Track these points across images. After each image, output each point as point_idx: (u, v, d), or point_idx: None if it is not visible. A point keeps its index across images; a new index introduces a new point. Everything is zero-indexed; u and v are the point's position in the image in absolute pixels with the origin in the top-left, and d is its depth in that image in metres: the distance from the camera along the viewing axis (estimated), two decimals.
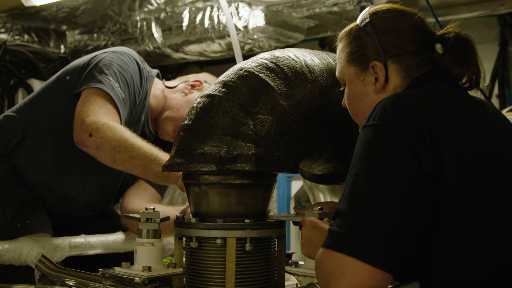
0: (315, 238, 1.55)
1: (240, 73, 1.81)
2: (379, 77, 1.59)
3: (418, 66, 1.58)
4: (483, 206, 1.37)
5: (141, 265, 1.74)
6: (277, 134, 1.73)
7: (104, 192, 2.60)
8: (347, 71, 1.66)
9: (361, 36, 1.62)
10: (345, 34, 1.68)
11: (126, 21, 5.22)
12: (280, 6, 4.25)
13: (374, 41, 1.59)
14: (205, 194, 1.76)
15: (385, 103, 1.43)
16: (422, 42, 1.59)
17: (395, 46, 1.58)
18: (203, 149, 1.71)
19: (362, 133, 1.43)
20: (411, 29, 1.59)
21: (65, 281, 1.99)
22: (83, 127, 2.21)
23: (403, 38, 1.58)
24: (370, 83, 1.61)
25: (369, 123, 1.42)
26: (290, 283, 1.93)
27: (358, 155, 1.40)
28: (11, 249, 2.10)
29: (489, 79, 4.46)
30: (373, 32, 1.59)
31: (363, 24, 1.62)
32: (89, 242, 2.37)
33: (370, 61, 1.60)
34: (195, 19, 4.78)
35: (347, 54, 1.65)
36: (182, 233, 1.78)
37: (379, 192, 1.34)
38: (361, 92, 1.63)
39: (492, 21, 4.65)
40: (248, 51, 4.65)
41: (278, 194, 4.97)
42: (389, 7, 1.63)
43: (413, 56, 1.58)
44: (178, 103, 2.57)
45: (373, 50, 1.60)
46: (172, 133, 2.56)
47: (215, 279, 1.71)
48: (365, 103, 1.61)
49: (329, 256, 1.34)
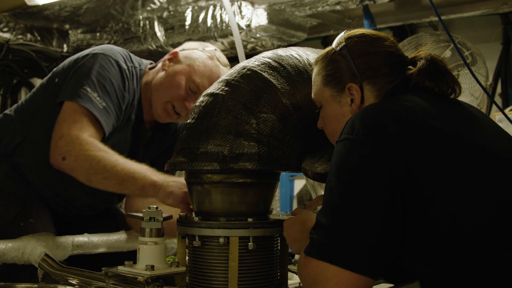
0: (294, 234, 1.63)
1: (243, 72, 1.81)
2: (355, 98, 1.64)
3: (390, 85, 1.63)
4: (462, 204, 1.39)
5: (144, 264, 1.74)
6: (280, 133, 1.74)
7: (106, 192, 2.60)
8: (323, 93, 1.70)
9: (336, 59, 1.68)
10: (321, 57, 1.73)
11: (129, 20, 5.22)
12: (283, 5, 4.25)
13: (349, 64, 1.65)
14: (208, 193, 1.76)
15: (354, 117, 1.49)
16: (395, 65, 1.65)
17: (369, 69, 1.63)
18: (206, 148, 1.71)
19: (335, 148, 1.48)
20: (384, 52, 1.65)
21: (68, 280, 1.99)
22: (56, 150, 2.23)
23: (377, 60, 1.64)
24: (346, 104, 1.65)
25: (340, 138, 1.48)
26: (293, 282, 1.93)
27: (332, 169, 1.45)
28: (14, 248, 2.10)
29: (492, 78, 4.45)
30: (348, 55, 1.65)
31: (338, 48, 1.68)
32: (92, 241, 2.37)
33: (346, 83, 1.65)
34: (197, 18, 4.78)
35: (323, 77, 1.70)
36: (185, 232, 1.78)
37: (354, 202, 1.39)
38: (338, 113, 1.67)
39: (495, 20, 4.65)
40: (250, 50, 4.65)
41: (281, 192, 4.97)
42: (363, 32, 1.70)
43: (386, 77, 1.63)
44: (159, 81, 2.51)
45: (349, 72, 1.65)
46: (163, 112, 2.50)
47: (218, 278, 1.71)
48: (342, 123, 1.63)
49: (313, 265, 1.39)
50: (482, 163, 1.45)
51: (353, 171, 1.41)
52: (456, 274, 1.37)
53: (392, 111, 1.49)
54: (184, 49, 2.59)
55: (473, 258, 1.37)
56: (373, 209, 1.37)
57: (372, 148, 1.41)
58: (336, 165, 1.45)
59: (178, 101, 2.46)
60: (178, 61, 2.52)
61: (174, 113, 2.49)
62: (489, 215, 1.39)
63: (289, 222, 1.66)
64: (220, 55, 2.57)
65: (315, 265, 1.38)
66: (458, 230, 1.37)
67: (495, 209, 1.39)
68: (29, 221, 2.33)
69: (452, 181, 1.40)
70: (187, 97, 2.46)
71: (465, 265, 1.37)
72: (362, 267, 1.35)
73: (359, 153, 1.42)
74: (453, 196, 1.39)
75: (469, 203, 1.39)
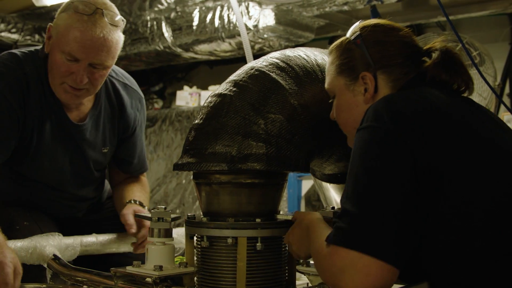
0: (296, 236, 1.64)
1: (251, 72, 1.81)
2: (369, 87, 1.63)
3: (405, 77, 1.62)
4: (479, 199, 1.38)
5: (152, 264, 1.74)
6: (288, 133, 1.74)
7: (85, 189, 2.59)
8: (336, 82, 1.69)
9: (351, 49, 1.67)
10: (335, 47, 1.72)
11: (137, 20, 5.24)
12: (290, 5, 4.25)
13: (364, 53, 1.64)
14: (216, 194, 1.76)
15: (375, 105, 1.47)
16: (410, 55, 1.64)
17: (383, 58, 1.63)
18: (214, 148, 1.71)
19: (357, 135, 1.46)
20: (399, 42, 1.65)
21: (77, 280, 1.99)
22: None
23: (392, 50, 1.63)
24: (360, 93, 1.64)
25: (362, 125, 1.46)
26: (301, 282, 1.93)
27: (355, 156, 1.43)
28: (23, 248, 2.10)
29: (500, 78, 4.44)
30: (363, 44, 1.64)
31: (353, 37, 1.67)
32: (100, 241, 2.37)
33: (360, 72, 1.64)
34: (205, 18, 4.79)
35: (337, 66, 1.69)
36: (193, 232, 1.79)
37: (382, 190, 1.36)
38: (351, 103, 1.67)
39: (503, 20, 4.64)
40: (258, 50, 4.66)
41: (289, 193, 4.97)
42: (378, 21, 1.69)
43: (401, 67, 1.62)
44: (48, 65, 2.29)
45: (363, 61, 1.64)
46: (66, 95, 2.26)
47: (226, 278, 1.71)
48: (355, 113, 1.63)
49: (341, 254, 1.34)
50: (501, 161, 1.44)
51: (378, 157, 1.39)
52: (470, 268, 1.37)
53: (414, 101, 1.48)
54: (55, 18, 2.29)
55: (488, 252, 1.36)
56: (401, 197, 1.34)
57: (397, 135, 1.39)
58: (359, 152, 1.42)
59: (67, 78, 2.22)
60: (51, 35, 2.27)
61: (75, 90, 2.24)
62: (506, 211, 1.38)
63: (291, 230, 1.68)
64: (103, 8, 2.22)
65: (343, 254, 1.34)
66: (475, 224, 1.36)
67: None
68: (24, 224, 2.34)
69: (471, 175, 1.39)
70: (73, 70, 2.20)
71: (480, 259, 1.36)
72: (393, 258, 1.32)
73: (384, 139, 1.40)
74: (471, 190, 1.38)
75: (486, 197, 1.38)
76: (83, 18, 2.17)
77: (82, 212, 2.64)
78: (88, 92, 2.28)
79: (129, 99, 2.51)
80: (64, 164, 2.43)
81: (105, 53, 2.20)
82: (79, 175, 2.50)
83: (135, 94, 2.54)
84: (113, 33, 2.21)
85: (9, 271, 1.80)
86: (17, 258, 1.86)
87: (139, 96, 2.57)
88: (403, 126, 1.40)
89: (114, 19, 2.23)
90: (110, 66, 2.27)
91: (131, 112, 2.51)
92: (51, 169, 2.41)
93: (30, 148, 2.32)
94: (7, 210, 2.42)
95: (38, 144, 2.33)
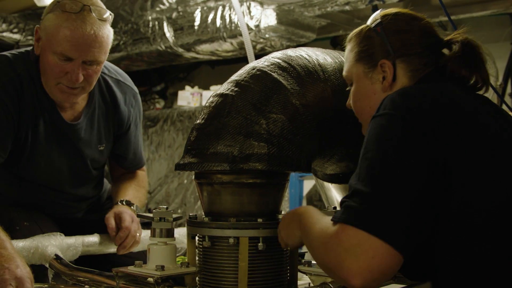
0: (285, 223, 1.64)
1: (252, 72, 1.81)
2: (387, 75, 1.62)
3: (424, 67, 1.61)
4: (490, 195, 1.38)
5: (154, 264, 1.74)
6: (290, 133, 1.74)
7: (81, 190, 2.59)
8: (355, 69, 1.69)
9: (371, 36, 1.67)
10: (355, 34, 1.72)
11: (138, 20, 5.24)
12: (292, 5, 4.25)
13: (383, 41, 1.64)
14: (218, 193, 1.76)
15: (393, 95, 1.46)
16: (430, 45, 1.63)
17: (403, 46, 1.62)
18: (216, 148, 1.71)
19: (372, 122, 1.44)
20: (419, 31, 1.64)
21: (78, 280, 2.00)
22: None
23: (412, 39, 1.63)
24: (378, 81, 1.64)
25: (379, 112, 1.44)
26: (302, 282, 1.93)
27: (371, 140, 1.40)
28: (25, 248, 2.11)
29: (502, 78, 4.44)
30: (383, 32, 1.64)
31: (373, 25, 1.67)
32: (102, 241, 2.38)
33: (378, 60, 1.64)
34: (206, 18, 4.79)
35: (356, 53, 1.69)
36: (195, 232, 1.78)
37: (397, 175, 1.34)
38: (368, 90, 1.66)
39: (504, 20, 4.64)
40: (259, 50, 4.66)
41: (290, 193, 4.97)
42: (399, 10, 1.69)
43: (420, 57, 1.62)
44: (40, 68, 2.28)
45: (382, 49, 1.64)
46: (62, 95, 2.26)
47: (228, 278, 1.71)
48: (372, 101, 1.63)
49: (348, 233, 1.31)
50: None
51: (396, 143, 1.37)
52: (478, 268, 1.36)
53: (431, 96, 1.46)
54: (42, 19, 2.28)
55: (496, 253, 1.36)
56: (416, 185, 1.33)
57: (415, 126, 1.38)
58: (376, 136, 1.40)
59: (62, 78, 2.22)
60: (40, 37, 2.25)
61: (71, 89, 2.25)
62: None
63: (282, 221, 1.67)
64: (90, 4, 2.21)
65: (351, 233, 1.30)
66: (484, 223, 1.36)
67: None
68: (24, 225, 2.34)
69: (483, 174, 1.39)
70: (67, 69, 2.20)
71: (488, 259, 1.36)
72: (401, 244, 1.29)
73: (402, 126, 1.38)
74: (482, 190, 1.38)
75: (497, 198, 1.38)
76: (72, 17, 2.16)
77: (82, 212, 2.64)
78: (84, 89, 2.28)
79: (122, 95, 2.50)
80: (61, 164, 2.43)
81: (98, 49, 2.20)
82: (77, 174, 2.50)
83: (129, 90, 2.53)
84: (103, 28, 2.21)
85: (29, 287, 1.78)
86: (28, 267, 1.83)
87: (133, 91, 2.56)
88: (420, 119, 1.39)
89: (102, 14, 2.22)
90: (103, 61, 2.27)
91: (124, 108, 2.50)
92: (48, 170, 2.41)
93: (25, 149, 2.33)
94: (7, 210, 2.42)
95: (32, 145, 2.33)
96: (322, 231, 1.40)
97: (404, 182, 1.33)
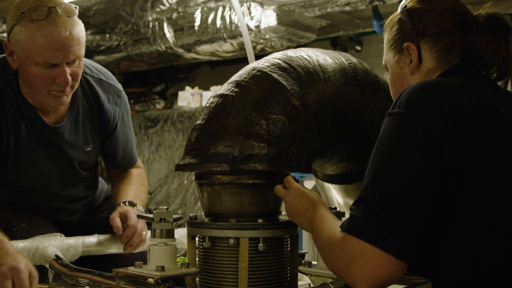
0: (299, 206, 1.60)
1: (252, 73, 1.81)
2: (413, 58, 1.64)
3: (451, 46, 1.60)
4: (502, 198, 1.37)
5: (154, 265, 1.74)
6: (290, 134, 1.74)
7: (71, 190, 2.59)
8: (387, 57, 1.73)
9: (398, 22, 1.69)
10: (386, 23, 1.75)
11: (138, 21, 5.24)
12: (292, 6, 4.25)
13: (408, 24, 1.64)
14: (218, 194, 1.76)
15: (410, 90, 1.45)
16: (456, 22, 1.62)
17: (427, 27, 1.62)
18: (216, 149, 1.71)
19: (386, 120, 1.44)
20: (444, 10, 1.63)
21: (79, 281, 2.00)
22: None
23: (436, 18, 1.62)
24: (406, 65, 1.66)
25: (393, 110, 1.43)
26: (303, 283, 1.93)
27: (382, 143, 1.40)
28: (25, 248, 2.11)
29: None
30: (407, 15, 1.64)
31: (400, 10, 1.68)
32: (102, 241, 2.38)
33: (404, 43, 1.65)
34: (207, 19, 4.79)
35: (387, 41, 1.72)
36: (195, 233, 1.78)
37: (403, 183, 1.34)
38: (399, 75, 1.69)
39: None
40: (260, 51, 4.65)
41: None
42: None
43: (446, 35, 1.61)
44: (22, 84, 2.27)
45: (407, 32, 1.65)
46: (55, 100, 2.24)
47: (228, 279, 1.71)
48: (404, 85, 1.63)
49: (353, 243, 1.33)
50: None
51: (404, 151, 1.36)
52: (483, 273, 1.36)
53: (457, 95, 1.44)
54: (9, 34, 2.22)
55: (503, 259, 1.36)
56: (420, 194, 1.33)
57: (428, 128, 1.37)
58: (387, 140, 1.39)
59: (52, 85, 2.20)
60: (13, 52, 2.20)
61: (62, 92, 2.22)
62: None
63: (294, 194, 1.63)
64: (53, 4, 2.16)
65: (355, 243, 1.33)
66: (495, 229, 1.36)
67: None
68: (21, 226, 2.34)
69: (499, 180, 1.38)
70: (54, 75, 2.17)
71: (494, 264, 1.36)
72: (405, 254, 1.31)
73: (413, 131, 1.38)
74: (496, 196, 1.37)
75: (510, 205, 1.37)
76: (42, 24, 2.12)
77: (77, 213, 2.64)
78: (73, 87, 2.27)
79: (105, 94, 2.47)
80: (48, 167, 2.42)
81: (77, 47, 2.19)
82: (65, 176, 2.50)
83: (112, 89, 2.51)
84: (75, 24, 2.20)
85: (24, 277, 1.80)
86: (30, 263, 1.86)
87: (117, 90, 2.53)
88: (434, 116, 1.38)
89: (68, 10, 2.19)
90: (83, 55, 2.25)
91: (109, 107, 2.48)
92: (35, 174, 2.41)
93: (8, 155, 2.32)
94: (4, 213, 2.42)
95: (16, 151, 2.33)
96: (329, 238, 1.42)
97: (410, 193, 1.33)
